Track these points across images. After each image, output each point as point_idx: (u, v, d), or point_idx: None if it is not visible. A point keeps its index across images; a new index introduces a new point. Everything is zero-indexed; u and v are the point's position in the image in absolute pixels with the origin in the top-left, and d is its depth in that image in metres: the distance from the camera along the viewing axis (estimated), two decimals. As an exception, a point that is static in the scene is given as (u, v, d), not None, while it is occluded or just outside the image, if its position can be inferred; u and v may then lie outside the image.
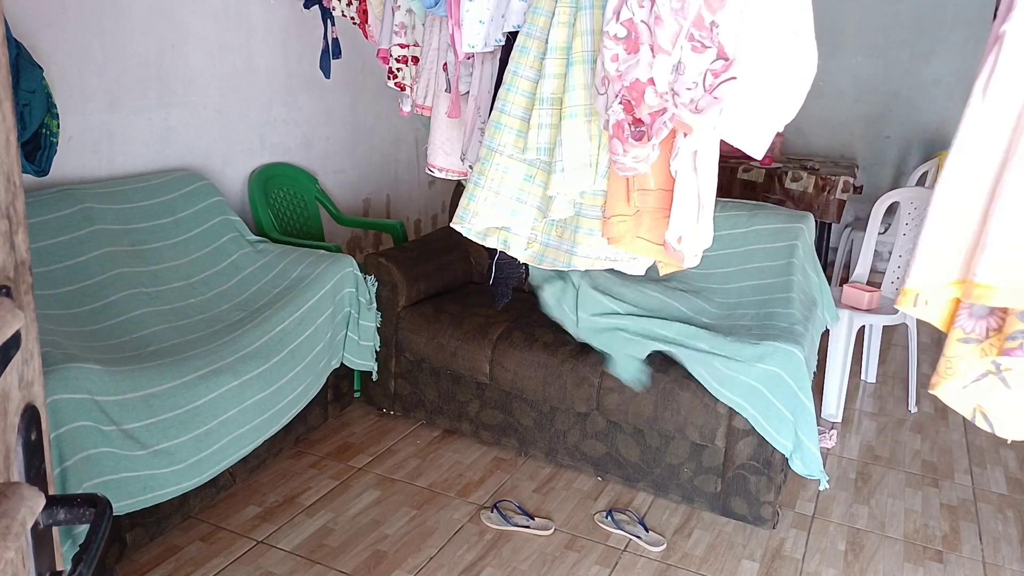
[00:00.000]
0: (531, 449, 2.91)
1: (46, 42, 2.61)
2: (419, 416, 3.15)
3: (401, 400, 3.17)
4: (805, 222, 3.14)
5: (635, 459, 2.71)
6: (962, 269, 0.92)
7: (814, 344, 2.84)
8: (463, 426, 3.04)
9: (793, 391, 2.40)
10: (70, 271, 2.53)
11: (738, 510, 2.58)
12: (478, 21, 1.81)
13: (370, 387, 3.22)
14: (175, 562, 2.28)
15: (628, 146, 1.34)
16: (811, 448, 2.43)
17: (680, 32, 1.20)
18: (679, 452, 2.64)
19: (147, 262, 2.77)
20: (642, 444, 2.69)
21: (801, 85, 1.23)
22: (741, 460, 2.53)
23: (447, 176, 2.21)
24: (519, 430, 2.91)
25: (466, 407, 3.01)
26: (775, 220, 3.15)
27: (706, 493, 2.63)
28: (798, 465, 2.46)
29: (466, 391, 2.99)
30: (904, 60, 5.34)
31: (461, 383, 2.98)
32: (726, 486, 2.59)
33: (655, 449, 2.67)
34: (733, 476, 2.56)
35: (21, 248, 0.69)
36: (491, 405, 2.94)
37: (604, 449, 2.76)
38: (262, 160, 3.62)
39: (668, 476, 2.67)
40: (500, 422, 2.94)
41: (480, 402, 2.96)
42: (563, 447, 2.84)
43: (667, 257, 1.51)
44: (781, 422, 2.42)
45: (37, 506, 0.63)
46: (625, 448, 2.72)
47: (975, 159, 0.91)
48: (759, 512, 2.55)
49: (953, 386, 0.95)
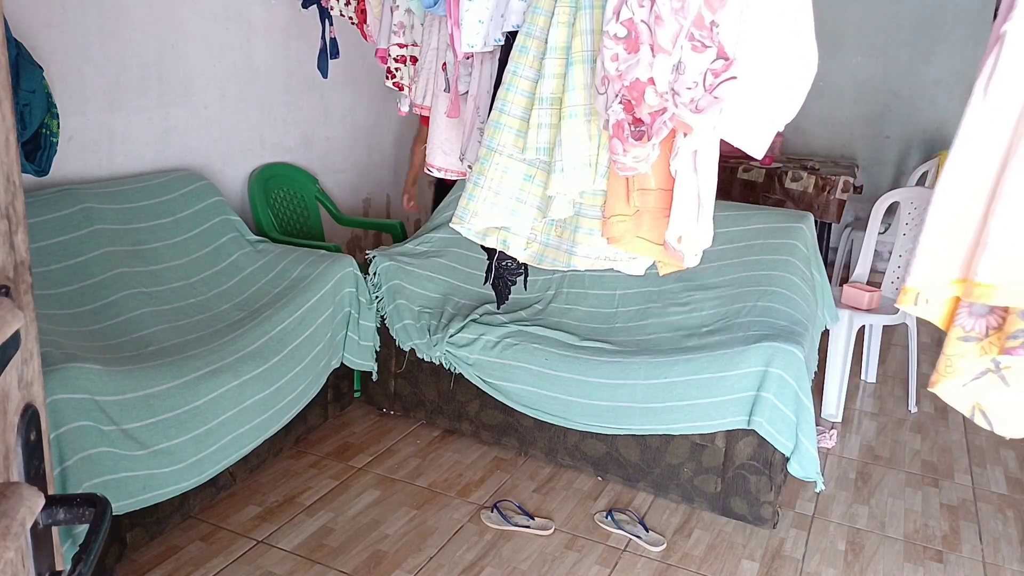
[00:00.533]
0: (531, 449, 2.91)
1: (46, 42, 2.61)
2: (419, 416, 3.15)
3: (401, 400, 3.16)
4: (805, 222, 3.13)
5: (635, 459, 2.71)
6: (963, 268, 0.92)
7: (814, 344, 2.83)
8: (463, 426, 3.04)
9: (795, 392, 2.40)
10: (70, 271, 2.53)
11: (738, 510, 2.58)
12: (477, 21, 1.81)
13: (370, 387, 3.21)
14: (175, 562, 2.28)
15: (628, 146, 1.34)
16: (809, 450, 2.42)
17: (680, 32, 1.20)
18: (679, 452, 2.63)
19: (147, 262, 2.77)
20: (642, 444, 2.68)
21: (801, 85, 1.23)
22: (741, 460, 2.53)
23: (446, 176, 2.20)
24: (519, 430, 2.90)
25: (466, 407, 3.00)
26: (774, 220, 3.14)
27: (706, 493, 2.62)
28: (795, 468, 2.46)
29: (466, 391, 2.98)
30: (904, 60, 5.34)
31: (461, 383, 2.97)
32: (726, 486, 2.58)
33: (655, 449, 2.67)
34: (733, 476, 2.56)
35: (21, 248, 0.69)
36: (491, 405, 2.93)
37: (604, 449, 2.76)
38: (262, 160, 3.62)
39: (668, 476, 2.67)
40: (500, 422, 2.94)
41: (480, 402, 2.96)
42: (563, 447, 2.83)
43: (667, 257, 1.51)
44: (783, 423, 2.41)
45: (37, 506, 0.63)
46: (625, 448, 2.71)
47: (976, 158, 0.91)
48: (759, 512, 2.54)
49: (953, 384, 0.95)
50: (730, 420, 2.48)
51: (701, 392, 2.50)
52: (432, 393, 3.07)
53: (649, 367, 2.58)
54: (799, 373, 2.40)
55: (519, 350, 2.77)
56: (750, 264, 3.08)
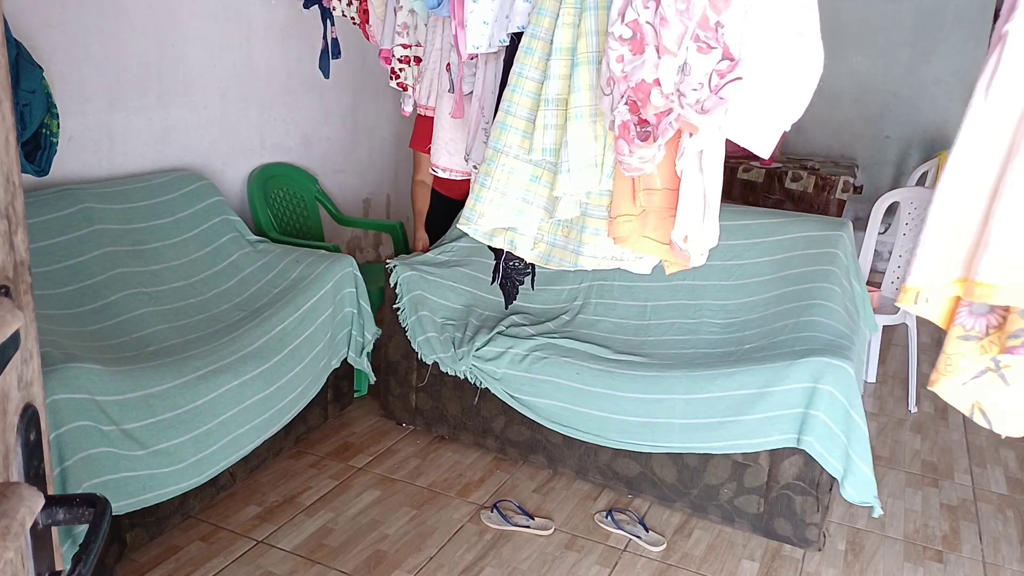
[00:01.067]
0: (561, 467, 2.78)
1: (46, 42, 2.61)
2: (441, 431, 3.01)
3: (423, 414, 3.03)
4: (844, 229, 2.96)
5: (671, 479, 2.57)
6: (963, 268, 0.92)
7: (861, 359, 2.67)
8: (488, 442, 2.90)
9: (845, 409, 2.26)
10: (70, 271, 2.53)
11: (782, 532, 2.45)
12: (482, 22, 1.81)
13: (390, 402, 3.09)
14: (175, 562, 2.28)
15: (634, 146, 1.34)
16: (864, 471, 2.27)
17: (685, 33, 1.21)
18: (719, 472, 2.49)
19: (147, 262, 2.77)
20: (679, 463, 2.54)
21: (807, 85, 1.23)
22: (786, 480, 2.39)
23: (450, 176, 2.20)
24: (547, 447, 2.76)
25: (491, 423, 2.86)
26: (813, 228, 2.98)
27: (747, 514, 2.49)
28: (850, 492, 2.29)
29: (491, 406, 2.83)
30: (904, 60, 5.34)
31: (487, 398, 2.82)
32: (769, 507, 2.45)
33: (692, 469, 2.53)
34: (777, 496, 2.42)
35: (21, 248, 0.69)
36: (518, 421, 2.78)
37: (638, 468, 2.62)
38: (262, 160, 3.62)
39: (706, 497, 2.53)
40: (527, 439, 2.80)
41: (506, 418, 2.81)
42: (594, 465, 2.70)
43: (673, 256, 1.51)
44: (833, 442, 2.27)
45: (36, 506, 0.63)
46: (660, 468, 2.58)
47: (977, 158, 0.91)
48: (804, 534, 2.42)
49: (952, 383, 0.95)
50: (776, 439, 2.34)
51: (745, 408, 2.36)
52: (455, 408, 2.93)
53: (689, 381, 2.45)
54: (849, 390, 2.26)
55: (549, 364, 2.65)
56: (790, 277, 2.92)
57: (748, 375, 2.38)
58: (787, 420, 2.32)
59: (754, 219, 3.11)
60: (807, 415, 2.29)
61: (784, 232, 3.02)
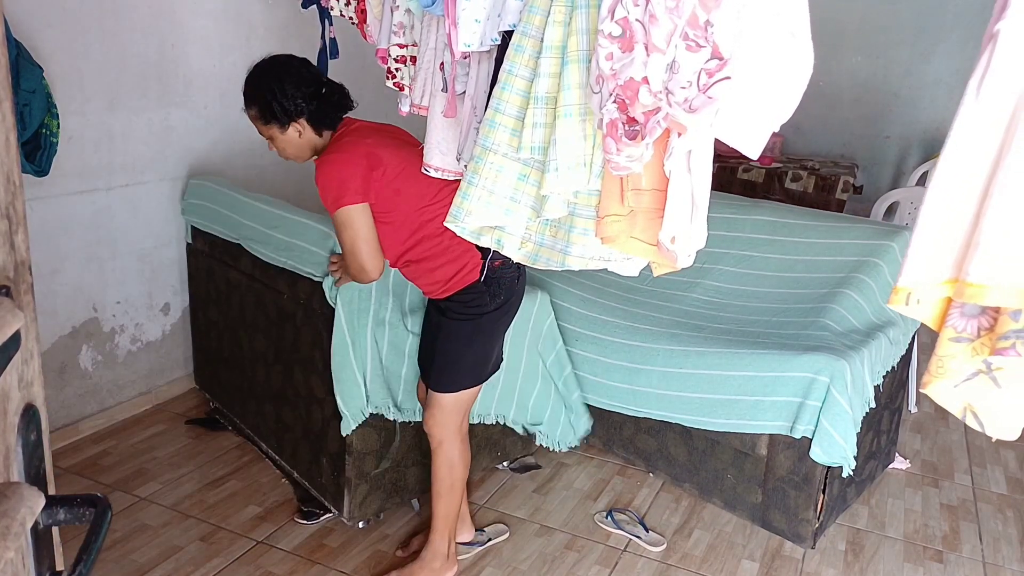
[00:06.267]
0: (590, 438, 2.93)
1: (46, 42, 2.61)
2: None
3: None
4: (897, 239, 2.91)
5: (683, 458, 2.72)
6: (954, 268, 0.92)
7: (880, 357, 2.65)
8: None
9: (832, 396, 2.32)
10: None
11: (777, 524, 2.52)
12: (474, 20, 1.81)
13: None
14: (175, 562, 2.29)
15: (622, 145, 1.34)
16: (835, 436, 2.31)
17: (675, 31, 1.21)
18: (723, 457, 2.60)
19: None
20: (689, 444, 2.68)
21: (797, 86, 1.22)
22: (782, 472, 2.46)
23: (444, 176, 2.20)
24: None
25: None
26: (866, 236, 2.93)
27: (747, 503, 2.57)
28: (817, 452, 2.34)
29: None
30: (904, 60, 5.34)
31: None
32: (766, 498, 2.52)
33: (701, 451, 2.65)
34: (774, 488, 2.49)
35: (21, 248, 0.69)
36: None
37: (655, 445, 2.78)
38: (262, 160, 3.61)
39: (713, 480, 2.65)
40: None
41: None
42: (619, 439, 2.88)
43: (661, 257, 1.51)
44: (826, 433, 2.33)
45: (37, 506, 0.64)
46: (674, 446, 2.73)
47: (968, 158, 0.92)
48: (797, 529, 2.47)
49: (944, 385, 0.95)
50: (770, 424, 2.42)
51: (745, 389, 2.45)
52: None
53: (698, 357, 2.54)
54: (842, 385, 2.31)
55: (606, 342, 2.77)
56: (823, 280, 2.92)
57: (751, 358, 2.47)
58: (782, 407, 2.40)
59: (810, 220, 3.10)
60: (803, 404, 2.36)
61: (840, 237, 2.97)
